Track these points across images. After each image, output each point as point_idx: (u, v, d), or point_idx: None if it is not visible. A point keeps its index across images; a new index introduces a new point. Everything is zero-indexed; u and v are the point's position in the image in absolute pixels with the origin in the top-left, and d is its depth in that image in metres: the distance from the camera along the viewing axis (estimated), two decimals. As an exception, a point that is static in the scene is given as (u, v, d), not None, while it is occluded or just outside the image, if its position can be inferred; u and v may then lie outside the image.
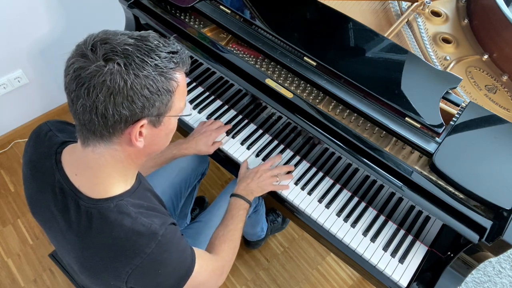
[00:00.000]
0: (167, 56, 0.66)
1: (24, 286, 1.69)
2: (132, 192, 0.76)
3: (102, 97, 0.61)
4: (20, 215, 1.88)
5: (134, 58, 0.62)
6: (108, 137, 0.67)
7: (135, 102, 0.63)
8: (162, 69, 0.64)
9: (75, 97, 0.63)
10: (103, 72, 0.60)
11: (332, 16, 1.23)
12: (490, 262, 1.87)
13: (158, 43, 0.66)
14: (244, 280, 1.75)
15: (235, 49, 1.25)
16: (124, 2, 1.34)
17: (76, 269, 0.81)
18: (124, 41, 0.63)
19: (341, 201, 1.17)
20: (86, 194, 0.72)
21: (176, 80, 0.67)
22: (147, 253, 0.70)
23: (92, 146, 0.69)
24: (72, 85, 0.63)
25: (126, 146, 0.69)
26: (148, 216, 0.73)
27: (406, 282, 1.05)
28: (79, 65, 0.62)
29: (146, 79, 0.63)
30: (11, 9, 1.67)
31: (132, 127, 0.66)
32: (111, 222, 0.71)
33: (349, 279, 1.78)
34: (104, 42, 0.62)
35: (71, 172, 0.74)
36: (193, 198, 1.46)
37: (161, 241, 0.72)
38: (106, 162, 0.70)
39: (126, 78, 0.61)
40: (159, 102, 0.66)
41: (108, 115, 0.63)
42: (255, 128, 1.30)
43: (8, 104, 1.97)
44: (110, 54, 0.61)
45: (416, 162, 1.04)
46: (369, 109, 1.07)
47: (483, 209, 0.94)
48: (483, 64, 1.28)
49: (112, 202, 0.72)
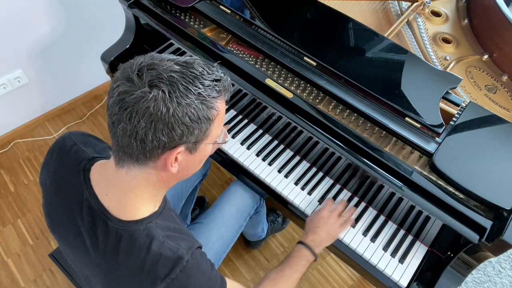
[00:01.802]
0: (211, 84, 0.65)
1: (24, 286, 1.69)
2: (159, 213, 0.76)
3: (144, 123, 0.61)
4: (20, 215, 1.88)
5: (179, 85, 0.62)
6: (144, 161, 0.67)
7: (175, 129, 0.63)
8: (204, 97, 0.64)
9: (116, 120, 0.63)
10: (148, 98, 0.61)
11: (332, 16, 1.23)
12: (490, 262, 1.87)
13: (203, 70, 0.65)
14: (244, 280, 1.75)
15: (235, 49, 1.25)
16: (124, 2, 1.34)
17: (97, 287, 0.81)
18: (170, 68, 0.63)
19: (341, 201, 1.17)
20: (115, 216, 0.72)
21: (217, 109, 0.67)
22: (172, 278, 0.70)
23: (126, 168, 0.69)
24: (115, 108, 0.63)
25: (160, 170, 0.69)
26: (175, 239, 0.73)
27: (406, 282, 1.05)
28: (124, 89, 0.62)
29: (188, 107, 0.63)
30: (11, 9, 1.67)
31: (169, 153, 0.66)
32: (140, 245, 0.71)
33: (349, 279, 1.78)
34: (150, 67, 0.63)
35: (101, 192, 0.74)
36: (194, 199, 1.46)
37: (187, 267, 0.72)
38: (139, 185, 0.70)
39: (169, 105, 0.61)
40: (198, 130, 0.66)
41: (147, 140, 0.63)
42: (255, 128, 1.30)
43: (8, 104, 1.97)
44: (156, 80, 0.61)
45: (416, 162, 1.04)
46: (369, 109, 1.07)
47: (483, 209, 0.94)
48: (483, 64, 1.28)
49: (141, 224, 0.72)
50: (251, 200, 1.30)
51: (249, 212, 1.31)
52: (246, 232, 1.67)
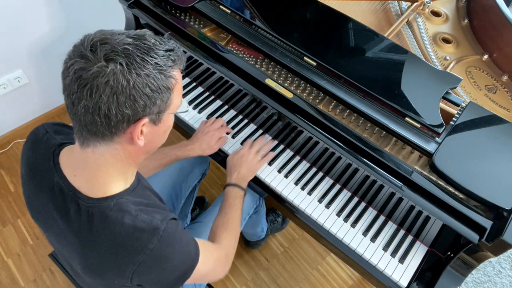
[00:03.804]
0: (165, 54, 0.66)
1: (24, 286, 1.69)
2: (131, 190, 0.76)
3: (106, 98, 0.61)
4: (20, 215, 1.88)
5: (135, 57, 0.62)
6: (109, 137, 0.67)
7: (138, 101, 0.63)
8: (161, 67, 0.65)
9: (76, 99, 0.63)
10: (106, 72, 0.61)
11: (332, 16, 1.23)
12: (490, 262, 1.87)
13: (155, 41, 0.66)
14: (244, 280, 1.75)
15: (235, 49, 1.25)
16: (124, 2, 1.34)
17: (78, 270, 0.81)
18: (123, 41, 0.63)
19: (341, 201, 1.17)
20: (86, 194, 0.72)
21: (174, 77, 0.68)
22: (150, 248, 0.71)
23: (92, 147, 0.69)
24: (73, 87, 0.62)
25: (126, 145, 0.70)
26: (148, 213, 0.73)
27: (406, 282, 1.05)
28: (79, 66, 0.62)
29: (148, 78, 0.63)
30: (11, 9, 1.67)
31: (134, 126, 0.66)
32: (112, 221, 0.71)
33: (349, 279, 1.78)
34: (103, 42, 0.63)
35: (70, 173, 0.74)
36: (193, 198, 1.46)
37: (164, 236, 0.72)
38: (106, 162, 0.70)
39: (129, 77, 0.61)
40: (159, 100, 0.66)
41: (111, 115, 0.63)
42: (255, 128, 1.30)
43: (8, 104, 1.97)
44: (111, 54, 0.61)
45: (416, 162, 1.04)
46: (369, 109, 1.07)
47: (483, 209, 0.94)
48: (483, 64, 1.28)
49: (112, 200, 0.72)
50: (250, 199, 1.30)
51: (248, 211, 1.31)
52: (246, 232, 1.67)
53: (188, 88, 1.38)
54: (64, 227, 0.75)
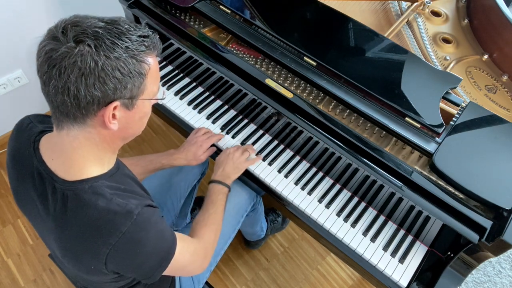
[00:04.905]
0: (138, 40, 0.67)
1: (24, 286, 1.69)
2: (109, 175, 0.76)
3: (74, 78, 0.63)
4: (20, 215, 1.88)
5: (105, 40, 0.63)
6: (81, 119, 0.68)
7: (107, 83, 0.64)
8: (133, 51, 0.66)
9: (47, 79, 0.65)
10: (74, 53, 0.62)
11: (332, 16, 1.23)
12: (490, 262, 1.87)
13: (129, 27, 0.67)
14: (244, 280, 1.75)
15: (235, 49, 1.25)
16: (124, 2, 1.34)
17: (59, 255, 0.81)
18: (95, 24, 0.64)
19: (341, 201, 1.17)
20: (62, 177, 0.73)
21: (147, 63, 0.69)
22: (122, 231, 0.70)
23: (66, 129, 0.70)
24: (44, 67, 0.64)
25: (100, 128, 0.70)
26: (124, 198, 0.74)
27: (406, 282, 1.05)
28: (50, 47, 0.63)
29: (117, 61, 0.64)
30: (11, 9, 1.67)
31: (105, 109, 0.67)
32: (86, 203, 0.71)
33: (349, 279, 1.78)
34: (74, 24, 0.64)
35: (48, 157, 0.75)
36: (193, 198, 1.46)
37: (137, 220, 0.72)
38: (81, 145, 0.71)
39: (97, 59, 0.62)
40: (131, 84, 0.67)
41: (80, 96, 0.64)
42: (255, 128, 1.30)
43: (8, 104, 1.97)
44: (81, 36, 0.63)
45: (416, 162, 1.04)
46: (369, 109, 1.07)
47: (483, 209, 0.94)
48: (483, 64, 1.28)
49: (86, 183, 0.73)
50: (247, 197, 1.30)
51: (245, 209, 1.32)
52: (245, 232, 1.67)
53: (189, 88, 1.38)
54: (42, 211, 0.76)
